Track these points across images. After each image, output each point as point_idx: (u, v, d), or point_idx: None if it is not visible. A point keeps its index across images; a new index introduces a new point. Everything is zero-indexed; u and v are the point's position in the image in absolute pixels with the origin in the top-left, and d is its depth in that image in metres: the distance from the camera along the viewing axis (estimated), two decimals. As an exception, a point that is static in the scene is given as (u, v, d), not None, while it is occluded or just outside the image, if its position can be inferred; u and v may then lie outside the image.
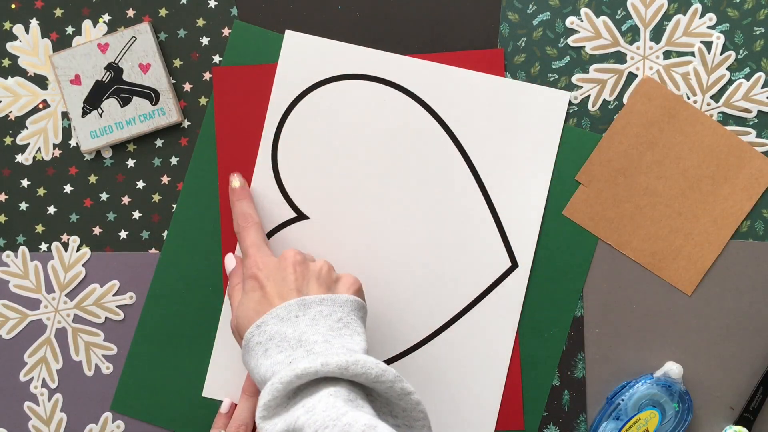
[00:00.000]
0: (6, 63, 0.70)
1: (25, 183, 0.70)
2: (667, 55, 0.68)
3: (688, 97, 0.68)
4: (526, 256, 0.68)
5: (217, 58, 0.69)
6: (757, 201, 0.68)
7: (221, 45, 0.69)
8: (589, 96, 0.68)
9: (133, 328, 0.69)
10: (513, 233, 0.68)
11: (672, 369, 0.66)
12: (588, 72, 0.68)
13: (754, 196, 0.68)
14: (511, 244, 0.68)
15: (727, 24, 0.68)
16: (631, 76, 0.68)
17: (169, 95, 0.68)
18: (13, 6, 0.70)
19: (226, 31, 0.69)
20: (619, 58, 0.68)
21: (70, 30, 0.69)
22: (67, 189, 0.70)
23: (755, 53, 0.68)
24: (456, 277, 0.68)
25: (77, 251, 0.70)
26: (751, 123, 0.68)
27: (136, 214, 0.69)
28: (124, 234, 0.70)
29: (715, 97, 0.68)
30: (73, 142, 0.70)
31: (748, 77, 0.68)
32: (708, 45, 0.68)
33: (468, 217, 0.68)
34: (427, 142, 0.68)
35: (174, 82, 0.69)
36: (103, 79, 0.68)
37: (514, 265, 0.68)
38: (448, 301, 0.68)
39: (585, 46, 0.68)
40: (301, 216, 0.68)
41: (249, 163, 0.68)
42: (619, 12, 0.68)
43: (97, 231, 0.70)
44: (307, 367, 0.51)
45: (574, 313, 0.68)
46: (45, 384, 0.70)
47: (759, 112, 0.68)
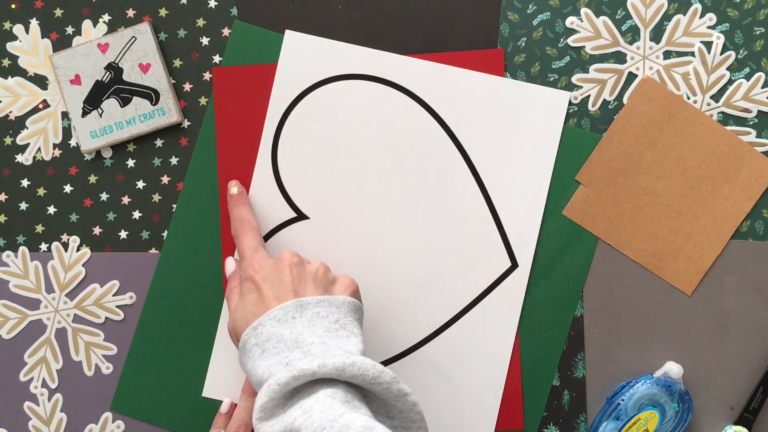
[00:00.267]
0: (6, 63, 0.70)
1: (25, 183, 0.70)
2: (667, 55, 0.68)
3: (688, 97, 0.68)
4: (526, 256, 0.68)
5: (217, 58, 0.69)
6: (757, 201, 0.68)
7: (221, 45, 0.69)
8: (589, 96, 0.68)
9: (133, 328, 0.69)
10: (513, 233, 0.68)
11: (672, 369, 0.66)
12: (588, 72, 0.68)
13: (754, 196, 0.68)
14: (511, 244, 0.68)
15: (727, 24, 0.68)
16: (631, 76, 0.68)
17: (169, 95, 0.68)
18: (13, 6, 0.70)
19: (226, 31, 0.69)
20: (619, 58, 0.68)
21: (70, 30, 0.69)
22: (67, 189, 0.70)
23: (755, 53, 0.68)
24: (456, 277, 0.68)
25: (77, 251, 0.70)
26: (751, 123, 0.68)
27: (136, 214, 0.69)
28: (124, 234, 0.70)
29: (715, 97, 0.68)
30: (73, 142, 0.70)
31: (748, 77, 0.68)
32: (708, 45, 0.68)
33: (468, 217, 0.68)
34: (427, 142, 0.68)
35: (174, 82, 0.69)
36: (103, 79, 0.68)
37: (514, 265, 0.68)
38: (448, 301, 0.68)
39: (585, 46, 0.68)
40: (301, 216, 0.68)
41: (249, 163, 0.68)
42: (619, 12, 0.68)
43: (97, 231, 0.70)
44: (305, 369, 0.51)
45: (574, 313, 0.68)
46: (45, 384, 0.70)
47: (759, 112, 0.68)
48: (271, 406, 0.51)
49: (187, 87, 0.69)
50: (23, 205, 0.70)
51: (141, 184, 0.69)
